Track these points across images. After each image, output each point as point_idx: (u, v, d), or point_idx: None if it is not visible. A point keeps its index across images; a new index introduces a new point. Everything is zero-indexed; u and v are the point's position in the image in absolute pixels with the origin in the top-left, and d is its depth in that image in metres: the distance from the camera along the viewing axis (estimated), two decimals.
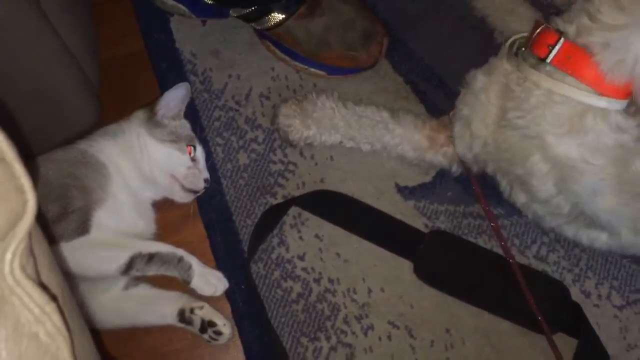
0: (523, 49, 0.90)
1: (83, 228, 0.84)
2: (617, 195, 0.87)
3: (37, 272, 0.43)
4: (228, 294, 0.94)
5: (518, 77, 0.88)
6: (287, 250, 1.00)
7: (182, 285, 0.90)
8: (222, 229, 1.00)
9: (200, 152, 0.97)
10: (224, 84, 1.11)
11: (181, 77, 1.10)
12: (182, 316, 0.91)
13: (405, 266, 1.01)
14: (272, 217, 1.00)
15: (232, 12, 1.06)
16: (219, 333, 0.91)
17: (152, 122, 0.94)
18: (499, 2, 1.14)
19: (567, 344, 0.98)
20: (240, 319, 0.95)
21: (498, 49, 0.97)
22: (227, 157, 1.06)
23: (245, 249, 0.99)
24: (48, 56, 0.81)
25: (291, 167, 1.05)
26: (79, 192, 0.85)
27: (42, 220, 0.60)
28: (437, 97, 1.12)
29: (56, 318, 0.42)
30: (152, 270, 0.87)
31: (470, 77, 0.96)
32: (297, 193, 1.03)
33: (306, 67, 1.10)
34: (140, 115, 0.95)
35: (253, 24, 1.07)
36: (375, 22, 1.08)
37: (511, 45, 0.94)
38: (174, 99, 0.96)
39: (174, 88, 0.96)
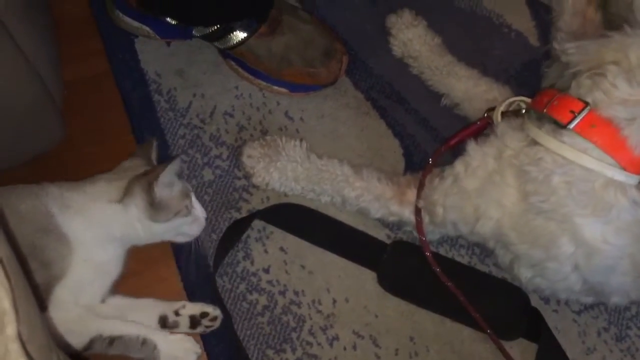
0: (525, 111, 0.89)
1: (40, 307, 0.80)
2: (628, 274, 0.89)
3: None
4: None
5: (530, 156, 0.85)
6: (252, 263, 1.01)
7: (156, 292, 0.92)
8: (187, 244, 1.01)
9: (193, 197, 0.93)
10: (189, 102, 1.12)
11: (146, 96, 1.12)
12: (165, 322, 0.91)
13: (369, 277, 1.03)
14: (236, 231, 1.01)
15: (196, 32, 1.09)
16: (214, 319, 0.92)
17: (153, 208, 0.87)
18: (434, 65, 1.14)
19: (527, 349, 1.00)
20: (206, 333, 0.95)
21: None
22: (192, 174, 1.07)
23: (211, 263, 1.00)
24: (8, 71, 0.81)
25: None
26: (39, 265, 0.82)
27: None
28: (397, 113, 1.15)
29: None
30: (114, 352, 0.86)
31: (474, 150, 0.92)
32: (261, 208, 1.05)
33: (269, 85, 1.12)
34: (137, 202, 0.87)
35: (216, 44, 1.10)
36: (334, 40, 1.12)
37: (502, 114, 0.93)
38: (169, 174, 0.88)
39: (164, 170, 0.87)
